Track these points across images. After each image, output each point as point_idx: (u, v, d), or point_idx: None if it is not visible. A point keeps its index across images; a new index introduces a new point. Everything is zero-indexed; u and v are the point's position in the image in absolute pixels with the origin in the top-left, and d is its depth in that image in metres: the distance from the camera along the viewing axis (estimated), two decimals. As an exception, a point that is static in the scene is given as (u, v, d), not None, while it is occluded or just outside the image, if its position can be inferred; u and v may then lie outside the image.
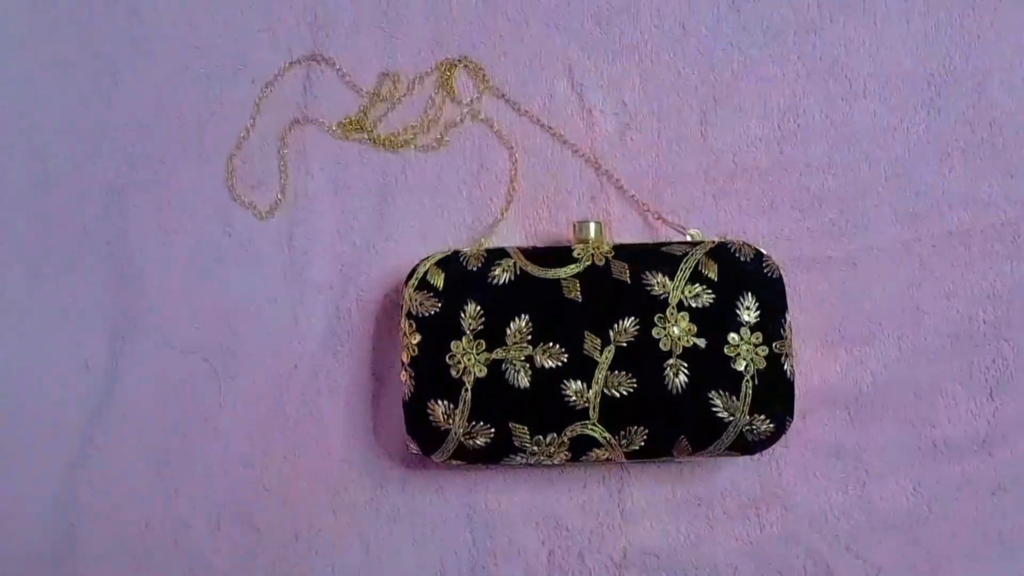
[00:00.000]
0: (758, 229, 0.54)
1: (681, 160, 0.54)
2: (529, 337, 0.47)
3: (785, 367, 0.48)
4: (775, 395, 0.47)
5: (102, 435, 0.53)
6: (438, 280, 0.48)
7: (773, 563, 0.52)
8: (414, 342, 0.48)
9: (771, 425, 0.47)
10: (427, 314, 0.48)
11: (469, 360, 0.47)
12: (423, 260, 0.49)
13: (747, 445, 0.48)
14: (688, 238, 0.51)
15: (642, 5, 0.55)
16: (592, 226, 0.50)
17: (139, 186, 0.54)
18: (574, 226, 0.50)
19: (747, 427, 0.47)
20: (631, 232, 0.54)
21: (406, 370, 0.48)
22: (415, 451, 0.48)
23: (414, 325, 0.48)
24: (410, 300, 0.48)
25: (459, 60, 0.54)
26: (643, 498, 0.52)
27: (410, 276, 0.49)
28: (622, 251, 0.49)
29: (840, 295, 0.53)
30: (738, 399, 0.47)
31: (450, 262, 0.49)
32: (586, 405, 0.47)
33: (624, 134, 0.54)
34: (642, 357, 0.47)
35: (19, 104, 0.56)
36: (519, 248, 0.50)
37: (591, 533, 0.52)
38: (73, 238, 0.54)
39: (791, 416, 0.48)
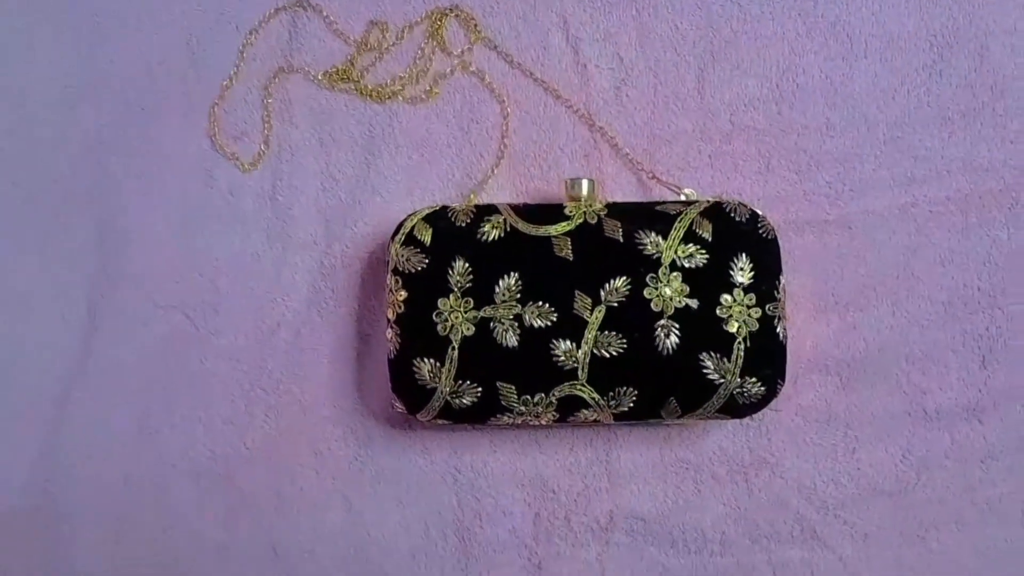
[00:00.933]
0: (753, 190, 0.53)
1: (677, 118, 0.53)
2: (518, 295, 0.46)
3: (778, 329, 0.47)
4: (767, 358, 0.47)
5: (81, 391, 0.52)
6: (425, 236, 0.47)
7: (761, 528, 0.51)
8: (400, 299, 0.47)
9: (762, 388, 0.47)
10: (414, 270, 0.47)
11: (456, 318, 0.46)
12: (410, 215, 0.48)
13: (737, 408, 0.47)
14: (682, 197, 0.50)
15: (640, -43, 0.54)
16: (584, 183, 0.49)
17: (120, 138, 0.53)
18: (566, 183, 0.49)
19: (738, 390, 0.46)
20: (624, 191, 0.53)
21: (391, 327, 0.47)
22: (400, 410, 0.47)
23: (400, 281, 0.47)
24: (396, 256, 0.47)
25: (450, 9, 0.52)
26: (631, 461, 0.51)
27: (396, 231, 0.48)
28: (615, 209, 0.48)
29: (835, 259, 0.53)
30: (729, 361, 0.46)
31: (438, 218, 0.48)
32: (575, 365, 0.46)
33: (619, 90, 0.53)
34: (633, 317, 0.46)
35: (-7, 50, 0.54)
36: (509, 205, 0.48)
37: (578, 495, 0.51)
38: (53, 191, 0.53)
39: (782, 379, 0.47)
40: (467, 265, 0.46)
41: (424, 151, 0.53)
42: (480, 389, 0.46)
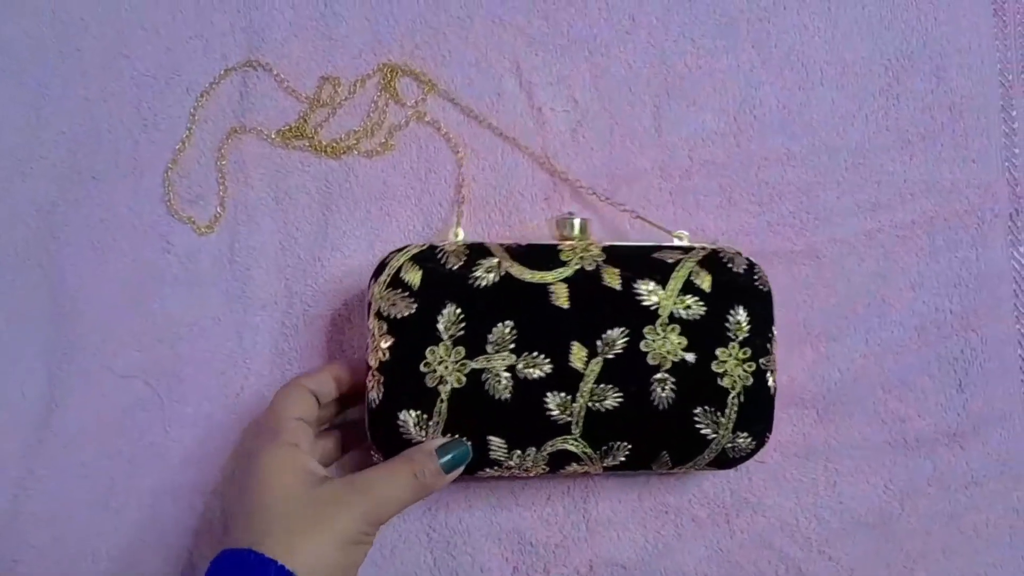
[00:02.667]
0: (717, 225, 0.52)
1: (635, 157, 0.52)
2: (512, 345, 0.44)
3: (769, 383, 0.45)
4: (759, 412, 0.46)
5: (43, 466, 0.50)
6: (414, 278, 0.44)
7: (745, 569, 0.50)
8: (384, 345, 0.43)
9: (752, 442, 0.46)
10: (401, 315, 0.44)
11: (446, 368, 0.43)
12: (395, 253, 0.45)
13: (726, 461, 0.46)
14: (675, 241, 0.48)
15: (590, -2, 0.53)
16: (576, 223, 0.47)
17: (71, 205, 0.52)
18: (556, 223, 0.47)
19: (729, 444, 0.45)
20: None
21: (373, 375, 0.44)
22: (379, 459, 0.45)
23: (385, 327, 0.44)
24: (380, 298, 0.44)
25: (401, 63, 0.52)
26: (609, 508, 0.50)
27: (379, 271, 0.45)
28: (612, 254, 0.46)
29: (804, 290, 0.52)
30: (723, 416, 0.45)
31: (427, 259, 0.45)
32: (569, 419, 0.44)
33: (576, 132, 0.53)
34: (629, 371, 0.44)
35: (-59, 122, 0.53)
36: (502, 245, 0.46)
37: (556, 547, 0.50)
38: (6, 264, 0.52)
39: (770, 431, 0.46)
40: (459, 312, 0.44)
41: (383, 203, 0.52)
42: (469, 444, 0.44)
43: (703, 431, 0.45)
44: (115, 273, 0.51)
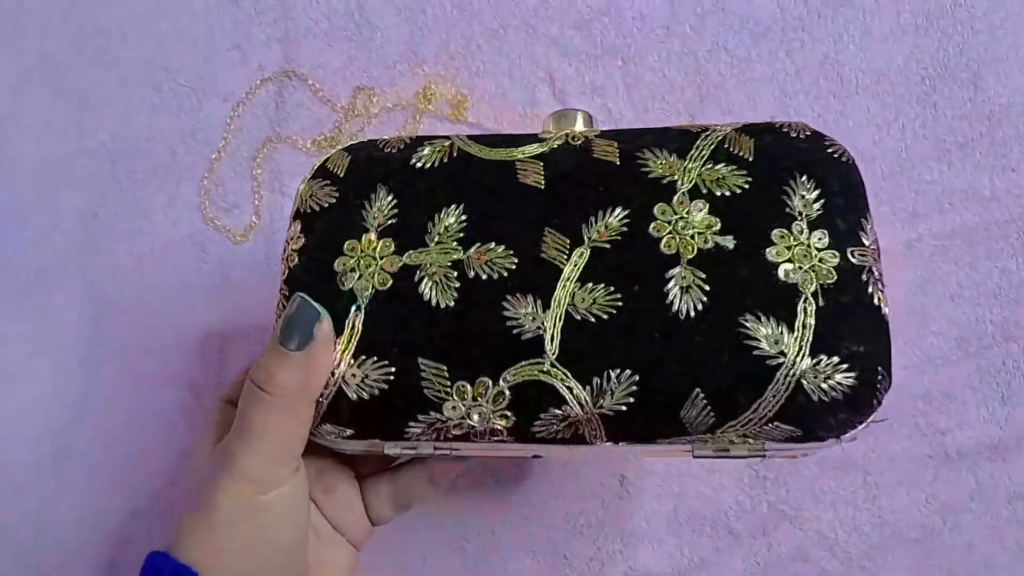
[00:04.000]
0: (752, 235, 0.52)
1: (670, 166, 0.52)
2: (460, 235, 0.32)
3: (870, 288, 0.30)
4: (855, 327, 0.30)
5: (74, 473, 0.51)
6: (341, 166, 0.34)
7: (783, 583, 0.49)
8: (295, 248, 0.33)
9: (850, 375, 0.29)
10: (318, 207, 0.33)
11: (368, 265, 0.32)
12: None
13: (811, 412, 0.29)
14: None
15: (623, 7, 0.54)
16: (579, 116, 0.36)
17: (110, 213, 0.53)
18: (554, 119, 0.36)
19: (810, 375, 0.29)
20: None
21: (281, 291, 0.33)
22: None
23: (299, 226, 0.34)
24: (302, 196, 0.34)
25: (438, 76, 0.52)
26: (643, 519, 0.50)
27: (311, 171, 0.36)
28: (611, 132, 0.35)
29: (841, 300, 0.51)
30: (791, 330, 0.29)
31: (362, 147, 0.35)
32: (540, 333, 0.30)
33: (609, 141, 0.52)
34: (633, 262, 0.30)
35: (-16, 134, 0.54)
36: (468, 136, 0.35)
37: (591, 559, 0.49)
38: (44, 269, 0.52)
39: (886, 370, 0.30)
40: (391, 198, 0.33)
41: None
42: (392, 370, 0.31)
43: (759, 351, 0.29)
44: (152, 281, 0.52)
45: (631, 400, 0.30)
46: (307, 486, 0.34)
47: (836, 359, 0.29)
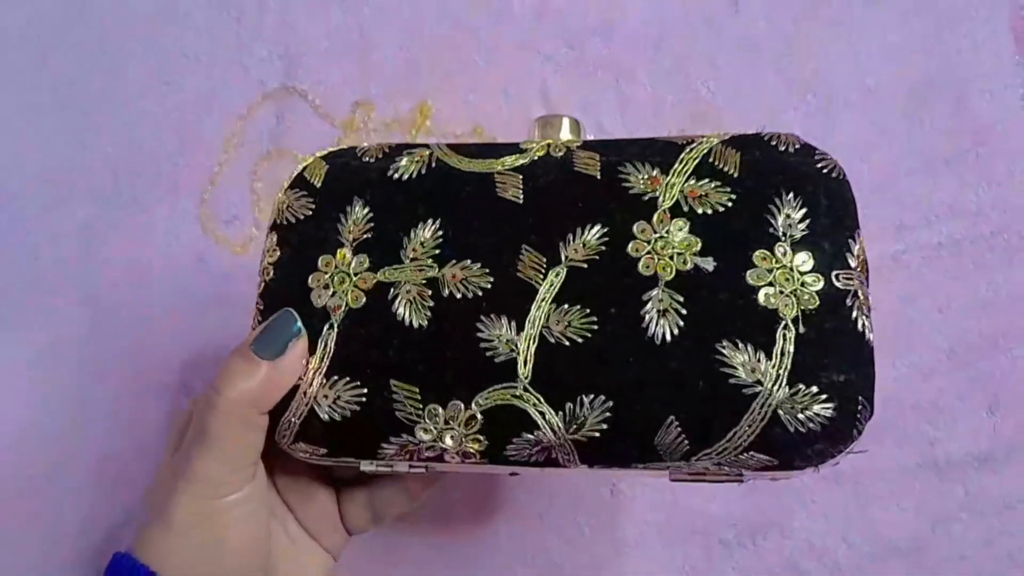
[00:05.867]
0: (743, 247, 0.53)
1: (661, 180, 0.53)
2: (436, 252, 0.31)
3: (854, 314, 0.29)
4: (836, 355, 0.29)
5: (74, 484, 0.51)
6: (318, 174, 0.34)
7: (774, 593, 0.50)
8: (271, 261, 0.33)
9: (828, 406, 0.28)
10: (294, 219, 0.33)
11: (342, 282, 0.32)
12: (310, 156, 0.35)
13: (786, 442, 0.28)
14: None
15: (616, 25, 0.55)
16: (566, 122, 0.35)
17: (111, 225, 0.53)
18: (539, 124, 0.36)
19: (786, 405, 0.28)
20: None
21: (257, 304, 0.33)
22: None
23: (275, 237, 0.34)
24: (279, 206, 0.34)
25: (429, 103, 0.53)
26: (635, 529, 0.50)
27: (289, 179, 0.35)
28: (593, 143, 0.34)
29: (830, 312, 0.52)
30: (768, 357, 0.28)
31: (340, 154, 0.35)
32: (513, 355, 0.30)
33: (602, 156, 0.54)
34: (610, 284, 0.30)
35: (-11, 147, 0.55)
36: (448, 144, 0.34)
37: (584, 569, 0.50)
38: (45, 282, 0.53)
39: (868, 400, 0.30)
40: (367, 211, 0.32)
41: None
42: (364, 391, 0.31)
43: (735, 379, 0.28)
44: (152, 293, 0.53)
45: (604, 426, 0.29)
46: (266, 492, 0.34)
47: (815, 389, 0.29)
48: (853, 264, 0.30)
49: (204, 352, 0.52)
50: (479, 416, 0.30)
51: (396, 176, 0.33)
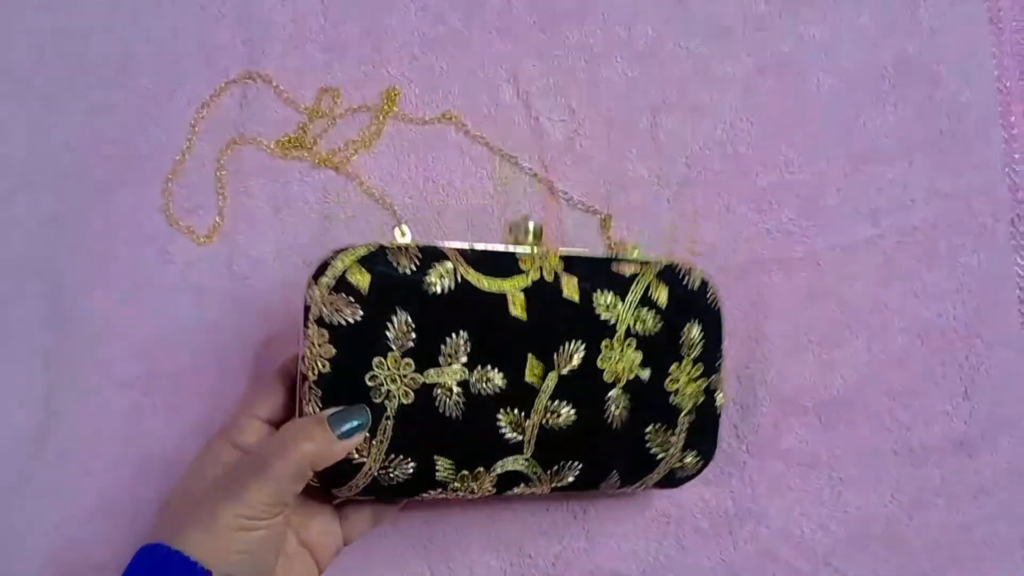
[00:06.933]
0: (716, 233, 0.52)
1: (633, 165, 0.52)
2: (465, 359, 0.41)
3: (716, 403, 0.45)
4: (707, 431, 0.45)
5: (42, 476, 0.50)
6: (362, 281, 0.39)
7: (749, 581, 0.49)
8: (326, 356, 0.39)
9: (700, 461, 0.45)
10: (345, 322, 0.39)
11: (394, 383, 0.40)
12: (338, 253, 0.40)
13: (672, 481, 0.46)
14: (635, 255, 0.47)
15: (587, 8, 0.54)
16: (531, 225, 0.44)
17: (73, 215, 0.52)
18: (510, 226, 0.45)
19: (678, 464, 0.45)
20: (573, 242, 0.52)
21: (311, 388, 0.39)
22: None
23: (327, 335, 0.39)
24: (322, 303, 0.39)
25: (400, 82, 0.52)
26: (609, 518, 0.50)
27: (321, 271, 0.40)
28: (571, 264, 0.44)
29: (805, 297, 0.52)
30: (674, 435, 0.44)
31: (376, 261, 0.40)
32: (520, 438, 0.42)
33: (573, 140, 0.53)
34: (585, 387, 0.42)
35: (-53, 136, 0.54)
36: (456, 249, 0.42)
37: (556, 558, 0.49)
38: (5, 271, 0.52)
39: (715, 450, 0.46)
40: (410, 320, 0.40)
41: (381, 214, 0.52)
42: (414, 464, 0.41)
43: (652, 450, 0.44)
44: (115, 283, 0.51)
45: (573, 478, 0.43)
46: (288, 519, 0.40)
47: (695, 452, 0.45)
48: (719, 366, 0.45)
49: (167, 342, 0.51)
50: (495, 477, 0.42)
51: (431, 292, 0.40)
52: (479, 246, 0.43)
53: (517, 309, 0.42)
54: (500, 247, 0.43)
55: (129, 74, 0.53)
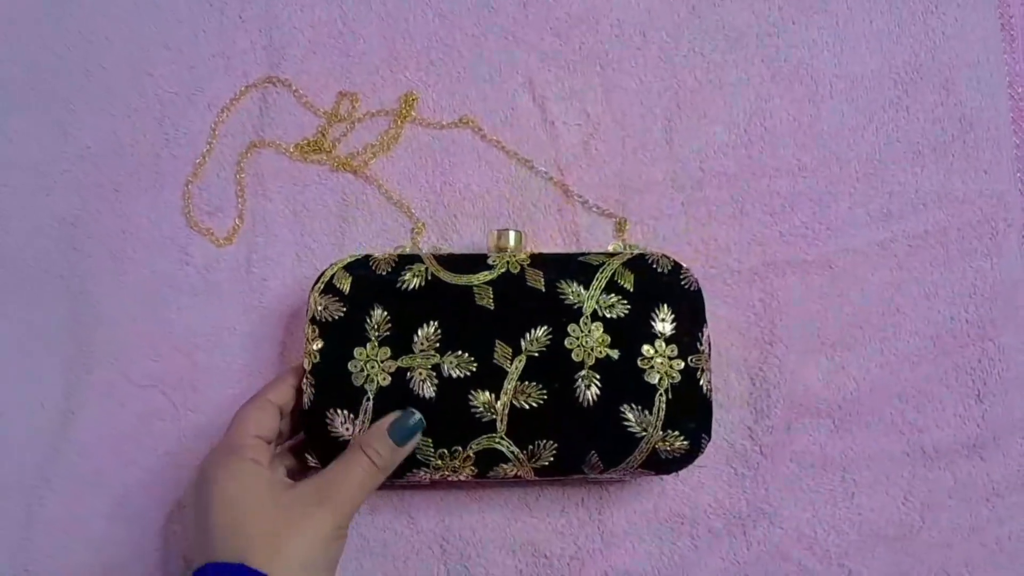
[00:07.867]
0: (729, 235, 0.52)
1: (647, 168, 0.53)
2: (437, 345, 0.45)
3: (701, 382, 0.45)
4: (690, 411, 0.45)
5: (59, 475, 0.51)
6: (344, 284, 0.46)
7: (763, 582, 0.49)
8: (315, 348, 0.45)
9: (685, 442, 0.45)
10: (331, 319, 0.46)
11: (373, 368, 0.45)
12: (332, 264, 0.47)
13: (661, 463, 0.45)
14: (610, 249, 0.49)
15: (601, 15, 0.55)
16: (512, 235, 0.48)
17: (93, 217, 0.53)
18: (492, 235, 0.49)
19: (660, 444, 0.45)
20: (588, 244, 0.52)
21: (307, 378, 0.45)
22: (314, 463, 0.45)
23: (317, 331, 0.45)
24: (314, 305, 0.46)
25: (417, 89, 0.53)
26: (624, 519, 0.50)
27: (317, 281, 0.47)
28: (538, 259, 0.47)
29: (818, 299, 0.52)
30: (651, 414, 0.44)
31: (358, 266, 0.47)
32: (493, 417, 0.44)
33: (588, 144, 0.53)
34: (553, 368, 0.45)
35: (-30, 139, 0.55)
36: (432, 254, 0.48)
37: (571, 558, 0.49)
38: (27, 273, 0.53)
39: (707, 435, 0.45)
40: (385, 313, 0.45)
41: (398, 217, 0.53)
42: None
43: (630, 429, 0.44)
44: (134, 284, 0.52)
45: (552, 459, 0.45)
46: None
47: (677, 432, 0.45)
48: (702, 348, 0.46)
49: (185, 343, 0.52)
50: (472, 455, 0.45)
51: (404, 288, 0.46)
52: (457, 253, 0.48)
53: (484, 299, 0.46)
54: (475, 253, 0.48)
55: (150, 79, 0.54)
